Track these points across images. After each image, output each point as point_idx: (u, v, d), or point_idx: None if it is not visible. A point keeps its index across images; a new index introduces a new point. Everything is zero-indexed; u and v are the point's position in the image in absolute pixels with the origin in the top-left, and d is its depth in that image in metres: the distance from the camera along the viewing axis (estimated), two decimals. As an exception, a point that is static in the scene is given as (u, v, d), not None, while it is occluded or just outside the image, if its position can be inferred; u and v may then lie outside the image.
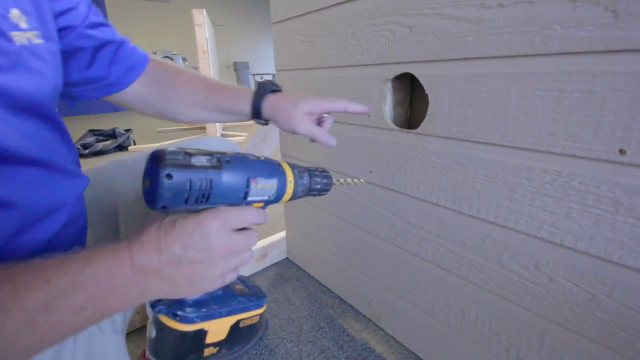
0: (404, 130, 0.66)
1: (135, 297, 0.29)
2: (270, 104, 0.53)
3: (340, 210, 0.88)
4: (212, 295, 0.35)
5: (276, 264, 1.18)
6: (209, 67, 2.54)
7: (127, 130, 3.15)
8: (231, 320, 0.36)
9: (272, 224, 1.46)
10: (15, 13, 0.35)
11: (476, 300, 0.62)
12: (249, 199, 0.34)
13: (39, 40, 0.39)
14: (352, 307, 0.95)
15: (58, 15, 0.45)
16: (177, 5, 5.62)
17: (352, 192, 0.83)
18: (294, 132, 0.52)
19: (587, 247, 0.46)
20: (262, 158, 0.36)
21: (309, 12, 0.79)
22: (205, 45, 2.47)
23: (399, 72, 0.64)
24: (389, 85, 0.67)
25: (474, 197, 0.57)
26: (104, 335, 0.42)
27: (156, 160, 0.28)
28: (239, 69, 6.94)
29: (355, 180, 0.53)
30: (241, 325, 0.37)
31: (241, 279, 0.42)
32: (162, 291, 0.31)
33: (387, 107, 0.69)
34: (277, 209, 1.54)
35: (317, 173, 0.42)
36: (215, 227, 0.31)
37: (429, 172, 0.63)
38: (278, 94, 0.54)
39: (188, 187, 0.28)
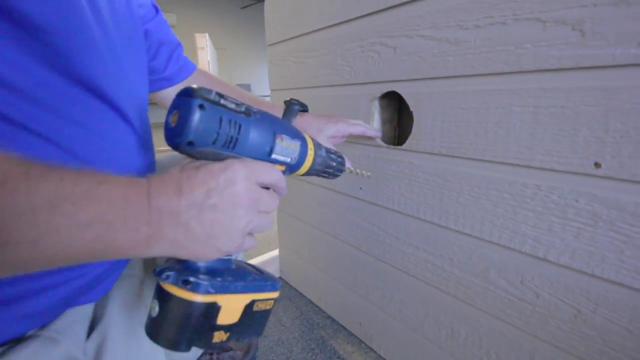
0: (391, 146, 0.67)
1: (144, 238, 0.26)
2: (297, 126, 0.54)
3: (330, 227, 0.88)
4: (226, 267, 0.32)
5: (269, 283, 1.16)
6: (209, 88, 2.60)
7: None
8: (246, 298, 0.32)
9: (265, 242, 1.45)
10: None
11: (465, 318, 0.60)
12: (274, 156, 0.33)
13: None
14: (344, 327, 0.93)
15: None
16: (181, 30, 5.83)
17: (342, 208, 0.83)
18: None
19: (569, 261, 0.45)
20: (289, 122, 0.37)
21: (301, 35, 0.83)
22: (208, 67, 2.55)
23: (384, 91, 0.65)
24: (376, 103, 0.69)
25: (460, 211, 0.57)
26: None
27: (189, 92, 0.27)
28: (241, 91, 7.08)
29: (363, 172, 0.55)
30: (255, 308, 0.33)
31: (251, 265, 0.38)
32: (175, 242, 0.27)
33: (375, 124, 0.71)
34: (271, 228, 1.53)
35: (332, 152, 0.42)
36: (243, 174, 0.29)
37: (416, 187, 0.63)
38: (305, 115, 0.57)
39: (218, 126, 0.27)
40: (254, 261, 1.14)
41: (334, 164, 0.42)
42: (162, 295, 0.28)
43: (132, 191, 0.26)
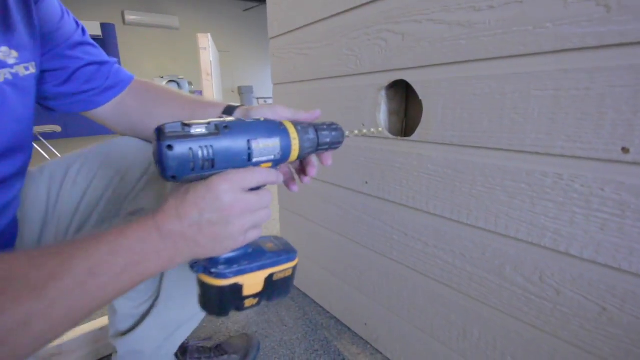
0: (399, 138, 0.64)
1: (167, 259, 0.33)
2: (241, 109, 0.52)
3: (334, 224, 0.85)
4: (243, 253, 0.38)
5: (271, 283, 1.13)
6: (212, 89, 2.59)
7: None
8: (264, 274, 0.38)
9: (268, 242, 1.42)
10: (2, 50, 0.40)
11: (478, 318, 0.57)
12: (254, 160, 0.35)
13: (29, 72, 0.44)
14: (349, 328, 0.90)
15: (44, 36, 0.47)
16: (184, 32, 5.85)
17: (346, 204, 0.80)
18: None
19: (594, 255, 0.42)
20: (262, 119, 0.37)
21: (304, 26, 0.80)
22: (210, 68, 2.54)
23: (392, 80, 0.63)
24: (383, 93, 0.66)
25: (472, 204, 0.54)
26: None
27: (157, 134, 0.30)
28: (244, 92, 7.10)
29: (372, 130, 0.53)
30: (275, 278, 0.39)
31: (274, 238, 0.44)
32: (192, 252, 0.34)
33: (382, 115, 0.68)
34: (273, 226, 1.51)
35: (324, 127, 0.42)
36: (225, 188, 0.33)
37: (425, 180, 0.61)
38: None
39: (191, 156, 0.31)
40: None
41: (328, 139, 0.42)
42: (198, 282, 0.37)
43: (145, 232, 0.32)
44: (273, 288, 0.40)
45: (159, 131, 0.30)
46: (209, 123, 0.33)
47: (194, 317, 0.67)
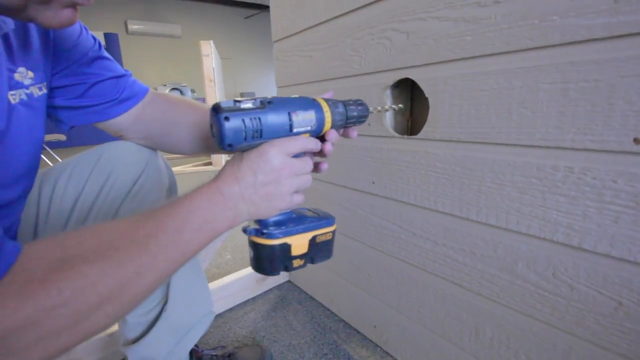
0: (405, 136, 0.64)
1: (232, 218, 0.38)
2: None
3: (341, 225, 0.85)
4: (288, 217, 0.43)
5: (277, 287, 1.12)
6: (215, 95, 2.60)
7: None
8: (308, 235, 0.44)
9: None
10: (20, 71, 0.42)
11: (491, 317, 0.56)
12: (295, 130, 0.40)
13: (42, 92, 0.45)
14: (358, 331, 0.89)
15: (60, 53, 0.48)
16: (186, 40, 5.90)
17: (353, 204, 0.80)
18: None
19: (608, 249, 0.42)
20: (298, 96, 0.42)
21: (307, 28, 0.81)
22: (212, 74, 2.56)
23: (397, 78, 0.63)
24: (388, 92, 0.66)
25: (482, 201, 0.54)
26: None
27: (215, 109, 0.36)
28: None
29: (392, 106, 0.58)
30: (317, 240, 0.45)
31: (312, 209, 0.49)
32: (249, 212, 0.39)
33: (387, 114, 0.68)
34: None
35: (351, 102, 0.48)
36: (274, 152, 0.38)
37: (433, 178, 0.60)
38: None
39: (243, 126, 0.36)
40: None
41: (355, 113, 0.47)
42: (251, 244, 0.42)
43: (212, 194, 0.37)
44: (316, 250, 0.45)
45: (217, 107, 0.36)
46: (255, 99, 0.38)
47: (203, 320, 0.67)
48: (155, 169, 0.58)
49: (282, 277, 1.15)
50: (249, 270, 1.07)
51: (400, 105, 0.59)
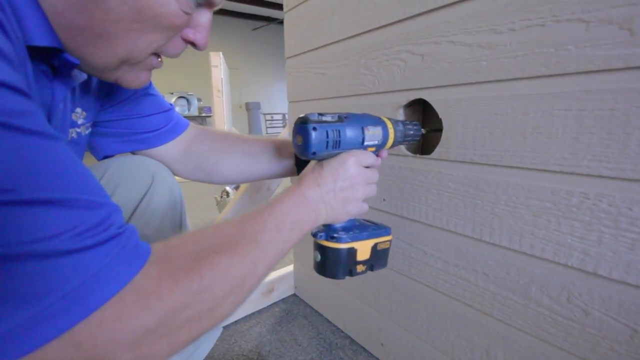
0: (418, 155, 0.65)
1: (315, 219, 0.42)
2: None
3: (351, 241, 0.85)
4: (352, 225, 0.47)
5: (283, 300, 1.12)
6: (222, 105, 2.63)
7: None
8: (371, 242, 0.47)
9: (279, 258, 1.41)
10: (77, 111, 0.45)
11: (502, 339, 0.56)
12: (365, 143, 0.45)
13: (88, 131, 0.48)
14: (364, 348, 0.88)
15: (112, 92, 0.51)
16: (195, 51, 6.00)
17: (363, 221, 0.80)
18: None
19: (624, 275, 0.42)
20: (364, 113, 0.47)
21: (321, 46, 0.83)
22: (220, 84, 2.59)
23: (411, 99, 0.64)
24: (401, 112, 0.67)
25: (495, 223, 0.54)
26: None
27: (304, 121, 0.40)
28: (251, 108, 7.20)
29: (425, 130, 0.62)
30: (378, 248, 0.48)
31: (368, 221, 0.52)
32: (327, 215, 0.43)
33: (400, 133, 0.69)
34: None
35: (408, 122, 0.54)
36: (352, 162, 0.44)
37: (445, 198, 0.61)
38: None
39: (326, 137, 0.40)
40: (268, 277, 1.10)
41: (411, 132, 0.53)
42: (319, 247, 0.46)
43: (298, 197, 0.41)
44: (377, 257, 0.48)
45: (305, 118, 0.40)
46: (333, 114, 0.43)
47: (210, 337, 0.67)
48: (163, 181, 0.58)
49: (288, 290, 1.15)
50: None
51: (429, 129, 0.61)
